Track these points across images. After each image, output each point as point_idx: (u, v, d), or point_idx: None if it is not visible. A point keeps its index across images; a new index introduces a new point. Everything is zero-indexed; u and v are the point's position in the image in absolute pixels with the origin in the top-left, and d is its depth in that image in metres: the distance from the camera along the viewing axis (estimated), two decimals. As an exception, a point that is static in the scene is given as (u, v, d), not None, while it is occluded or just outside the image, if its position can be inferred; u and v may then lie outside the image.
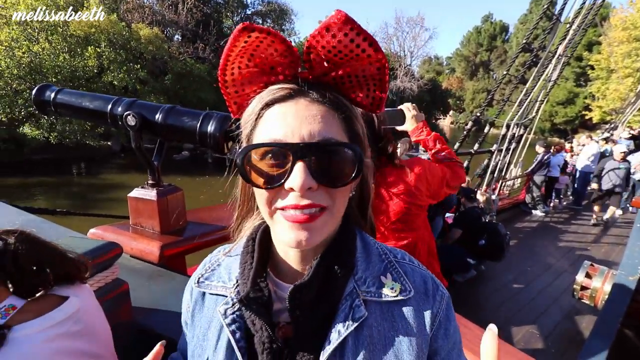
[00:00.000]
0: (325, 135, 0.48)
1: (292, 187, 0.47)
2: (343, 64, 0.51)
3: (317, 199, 0.49)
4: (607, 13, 26.91)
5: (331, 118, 0.50)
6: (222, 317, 0.57)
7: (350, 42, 0.48)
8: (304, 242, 0.49)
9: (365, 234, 0.63)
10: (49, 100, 1.68)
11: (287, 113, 0.49)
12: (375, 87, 0.54)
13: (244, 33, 0.49)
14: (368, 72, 0.52)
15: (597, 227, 6.96)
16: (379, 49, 0.50)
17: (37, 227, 1.51)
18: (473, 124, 6.86)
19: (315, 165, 0.47)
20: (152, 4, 23.34)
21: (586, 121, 31.94)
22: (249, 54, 0.51)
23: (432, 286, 0.59)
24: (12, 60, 13.83)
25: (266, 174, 0.49)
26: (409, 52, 37.97)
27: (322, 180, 0.48)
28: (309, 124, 0.48)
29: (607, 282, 3.18)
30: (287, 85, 0.51)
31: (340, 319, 0.53)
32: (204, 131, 1.52)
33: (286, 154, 0.47)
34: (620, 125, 13.88)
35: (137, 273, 1.57)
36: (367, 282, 0.56)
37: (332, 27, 0.47)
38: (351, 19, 0.47)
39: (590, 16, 6.70)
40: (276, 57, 0.51)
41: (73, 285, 0.84)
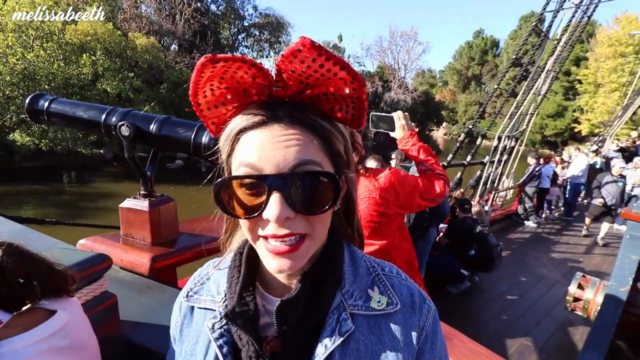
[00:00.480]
0: (302, 160, 0.47)
1: (268, 218, 0.47)
2: (318, 84, 0.50)
3: (295, 227, 0.48)
4: (593, 30, 27.76)
5: (308, 141, 0.49)
6: (210, 331, 0.57)
7: (320, 67, 0.47)
8: (286, 269, 0.49)
9: (353, 247, 0.63)
10: (42, 110, 1.66)
11: (262, 141, 0.48)
12: (354, 106, 0.52)
13: (208, 65, 0.47)
14: (344, 92, 0.50)
15: (589, 238, 7.03)
16: (352, 70, 0.48)
17: (24, 237, 1.49)
18: (465, 136, 6.96)
19: (292, 194, 0.47)
20: (149, 14, 23.51)
21: (575, 133, 32.58)
22: (218, 77, 0.50)
23: (418, 299, 0.60)
24: (5, 67, 13.74)
25: (244, 204, 0.49)
26: (402, 65, 38.56)
27: (299, 209, 0.48)
28: (284, 152, 0.47)
29: (599, 293, 3.20)
30: (261, 112, 0.49)
31: (327, 333, 0.53)
32: (199, 142, 1.52)
33: (262, 185, 0.47)
34: (609, 138, 14.17)
35: (126, 285, 1.54)
36: (355, 296, 0.57)
37: (298, 54, 0.46)
38: (317, 45, 0.45)
39: (577, 33, 6.91)
40: (247, 79, 0.50)
41: (61, 298, 0.82)
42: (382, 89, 34.32)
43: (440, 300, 3.93)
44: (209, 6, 27.75)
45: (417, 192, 1.75)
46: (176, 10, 23.77)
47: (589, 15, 6.69)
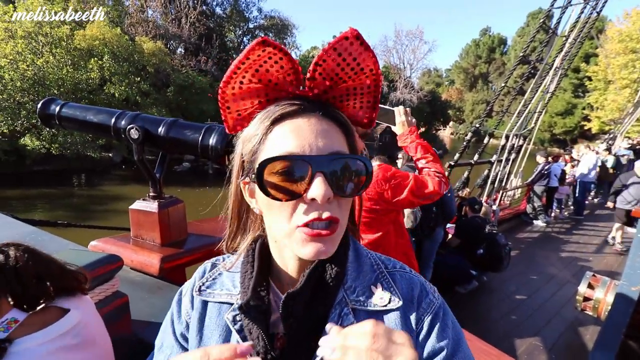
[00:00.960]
0: (338, 148, 0.51)
1: (315, 197, 0.48)
2: (344, 80, 0.54)
3: (334, 211, 0.51)
4: (603, 26, 27.33)
5: (338, 133, 0.53)
6: (231, 323, 0.58)
7: (359, 55, 0.52)
8: (323, 250, 0.51)
9: (358, 244, 0.65)
10: (53, 114, 1.71)
11: (300, 127, 0.51)
12: (369, 102, 0.57)
13: (261, 46, 0.50)
14: (365, 88, 0.56)
15: (599, 237, 6.92)
16: (378, 63, 0.54)
17: (37, 239, 1.52)
18: (473, 134, 6.90)
19: (332, 176, 0.50)
20: (155, 18, 23.77)
21: (585, 131, 32.08)
22: (253, 69, 0.53)
23: (419, 293, 0.60)
24: (15, 73, 14.01)
25: (284, 188, 0.50)
26: (408, 65, 38.39)
27: (337, 190, 0.50)
28: (323, 138, 0.51)
29: (609, 292, 3.15)
30: (297, 101, 0.53)
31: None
32: (206, 144, 1.54)
33: (306, 166, 0.49)
34: (619, 136, 13.94)
35: (137, 285, 1.56)
36: (357, 291, 0.58)
37: (344, 41, 0.51)
38: (362, 38, 0.51)
39: (586, 29, 6.81)
40: (281, 74, 0.53)
41: (74, 296, 0.84)
42: (388, 89, 34.21)
43: (448, 300, 3.89)
44: (214, 9, 27.96)
45: (406, 189, 1.74)
46: (182, 14, 23.99)
47: (598, 11, 6.59)
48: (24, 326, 0.74)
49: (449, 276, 4.21)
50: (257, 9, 30.12)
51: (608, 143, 12.84)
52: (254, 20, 29.97)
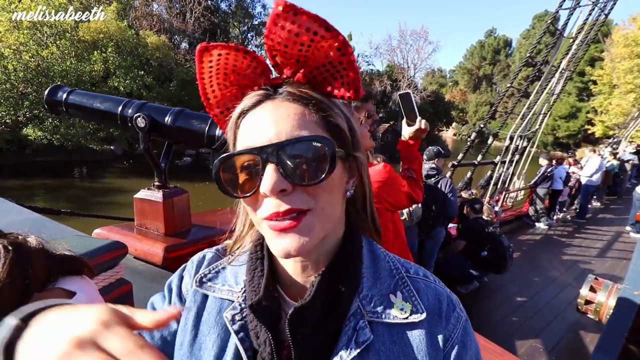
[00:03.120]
0: (295, 132, 0.46)
1: (264, 191, 0.45)
2: (308, 56, 0.49)
3: (296, 202, 0.46)
4: (609, 30, 27.19)
5: (302, 115, 0.48)
6: (230, 323, 0.53)
7: (299, 28, 0.46)
8: (292, 250, 0.46)
9: (374, 245, 0.59)
10: (61, 101, 1.70)
11: (256, 119, 0.48)
12: (345, 70, 0.50)
13: (205, 53, 0.49)
14: (332, 58, 0.49)
15: (601, 241, 6.91)
16: (330, 27, 0.47)
17: (42, 225, 1.52)
18: (476, 135, 6.88)
19: (286, 165, 0.45)
20: (160, 12, 23.76)
21: (589, 135, 31.99)
22: (222, 74, 0.51)
23: (447, 306, 0.54)
24: (19, 63, 14.04)
25: (243, 184, 0.47)
26: (412, 64, 38.30)
27: (295, 179, 0.45)
28: (276, 125, 0.46)
29: (611, 296, 3.14)
30: (257, 92, 0.50)
31: (343, 342, 0.49)
32: (212, 134, 1.54)
33: (255, 159, 0.46)
34: (624, 140, 13.90)
35: (139, 274, 1.56)
36: (374, 301, 0.52)
37: (278, 19, 0.45)
38: (293, 5, 0.45)
39: (593, 33, 6.77)
40: (245, 69, 0.51)
41: (80, 279, 0.83)
42: (391, 88, 34.13)
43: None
44: (219, 4, 27.97)
45: (408, 196, 1.85)
46: (187, 9, 23.99)
47: (607, 13, 6.55)
48: None
49: (450, 276, 4.20)
50: (261, 5, 30.15)
51: (612, 147, 12.80)
52: (258, 17, 30.00)
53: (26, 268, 0.74)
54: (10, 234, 0.76)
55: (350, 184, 0.54)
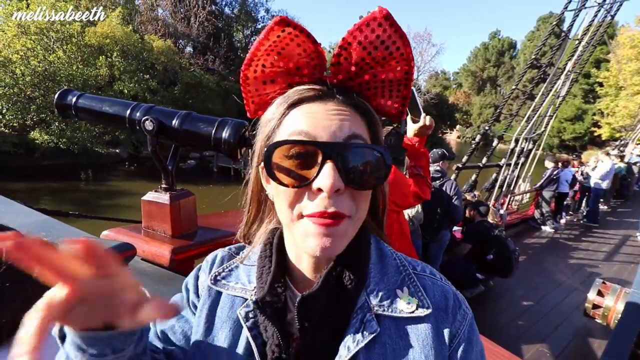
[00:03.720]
0: (355, 133, 0.47)
1: (321, 187, 0.44)
2: (372, 66, 0.50)
3: (342, 206, 0.46)
4: (614, 31, 27.02)
5: (358, 121, 0.49)
6: (244, 320, 0.55)
7: (388, 38, 0.47)
8: (328, 246, 0.46)
9: (382, 244, 0.60)
10: (70, 105, 1.72)
11: (317, 112, 0.48)
12: (399, 92, 0.52)
13: (279, 27, 0.48)
14: (394, 75, 0.51)
15: (609, 244, 6.84)
16: (410, 47, 0.49)
17: (51, 227, 1.53)
18: (481, 138, 6.86)
19: (345, 165, 0.46)
20: (165, 17, 24.02)
21: (595, 138, 31.74)
22: (276, 52, 0.50)
23: (453, 303, 0.55)
24: (27, 68, 14.22)
25: (293, 173, 0.46)
26: (415, 67, 38.32)
27: (349, 181, 0.46)
28: (339, 123, 0.47)
29: (620, 300, 3.11)
30: (316, 86, 0.50)
31: (350, 333, 0.51)
32: (219, 137, 1.55)
33: (315, 152, 0.45)
34: (631, 142, 13.77)
35: (147, 276, 1.57)
36: (381, 296, 0.53)
37: (372, 22, 0.47)
38: (391, 15, 0.47)
39: (599, 34, 6.74)
40: (304, 57, 0.50)
41: None
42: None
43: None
44: (223, 9, 28.20)
45: (411, 192, 1.85)
46: (191, 13, 24.21)
47: (613, 14, 6.52)
48: None
49: (455, 280, 4.17)
50: (265, 9, 30.34)
51: (619, 150, 12.68)
52: (262, 21, 30.18)
53: None
54: None
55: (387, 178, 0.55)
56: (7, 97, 14.05)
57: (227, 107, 20.79)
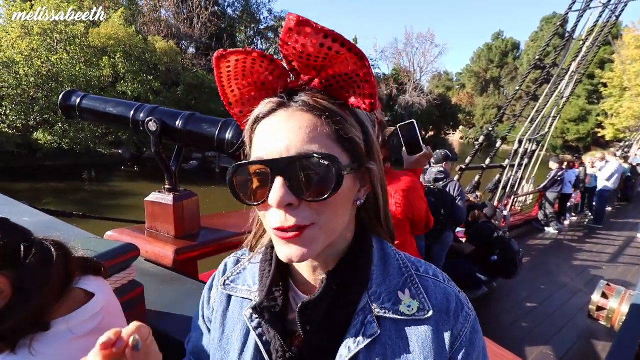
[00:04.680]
0: (305, 147, 0.46)
1: (271, 203, 0.46)
2: (324, 65, 0.49)
3: (301, 218, 0.47)
4: (618, 31, 26.87)
5: (315, 127, 0.48)
6: (249, 320, 0.57)
7: (313, 44, 0.46)
8: (294, 257, 0.48)
9: (386, 244, 0.60)
10: (74, 106, 1.74)
11: (269, 129, 0.49)
12: (363, 84, 0.50)
13: (222, 60, 0.50)
14: (347, 69, 0.49)
15: (613, 246, 6.79)
16: (346, 42, 0.46)
17: (55, 228, 1.54)
18: (484, 139, 6.83)
19: (293, 179, 0.46)
20: (168, 18, 24.10)
21: (599, 139, 31.56)
22: (240, 74, 0.52)
23: (455, 305, 0.55)
24: (30, 69, 14.29)
25: (253, 193, 0.49)
26: (418, 68, 38.23)
27: (302, 195, 0.46)
28: (287, 138, 0.47)
29: (624, 302, 3.08)
30: (271, 100, 0.51)
31: (351, 334, 0.52)
32: (222, 138, 1.55)
33: (265, 170, 0.47)
34: (636, 143, 13.67)
35: (150, 276, 1.57)
36: (382, 298, 0.54)
37: (290, 32, 0.45)
38: (302, 20, 0.44)
39: (603, 35, 6.70)
40: (263, 72, 0.52)
41: (96, 279, 0.85)
42: (397, 92, 34.08)
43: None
44: (226, 10, 28.25)
45: (426, 207, 1.84)
46: (194, 14, 24.28)
47: (618, 14, 6.48)
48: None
49: (458, 281, 4.15)
50: (268, 10, 30.38)
51: (624, 151, 12.60)
52: (264, 22, 30.24)
53: (67, 265, 0.78)
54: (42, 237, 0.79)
55: (362, 192, 0.54)
56: (10, 98, 14.13)
57: (229, 108, 20.77)
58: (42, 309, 0.69)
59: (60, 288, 0.74)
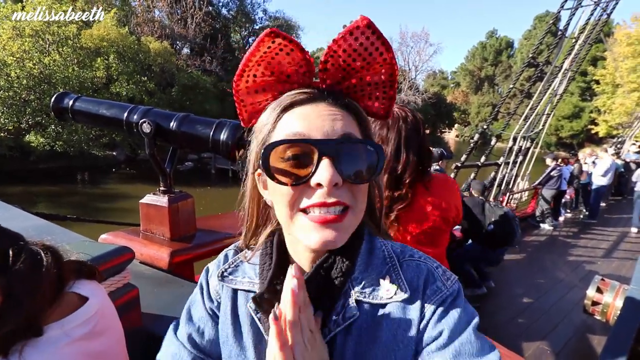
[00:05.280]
0: (348, 131, 0.50)
1: (320, 182, 0.47)
2: (357, 71, 0.53)
3: (342, 196, 0.49)
4: (609, 29, 27.10)
5: (351, 121, 0.52)
6: (254, 312, 0.58)
7: (371, 45, 0.50)
8: (331, 239, 0.49)
9: (375, 238, 0.62)
10: (67, 108, 1.72)
11: (309, 113, 0.50)
12: (385, 93, 0.56)
13: (269, 38, 0.50)
14: (379, 78, 0.54)
15: (607, 241, 6.86)
16: (393, 54, 0.52)
17: (49, 232, 1.52)
18: (479, 137, 6.87)
19: (341, 161, 0.48)
20: (161, 19, 23.95)
21: (592, 135, 31.83)
22: (266, 62, 0.52)
23: (425, 279, 0.56)
24: (22, 71, 14.14)
25: (290, 172, 0.49)
26: (413, 66, 38.37)
27: (347, 176, 0.48)
28: (331, 122, 0.50)
29: (618, 297, 3.11)
30: (307, 90, 0.53)
31: (332, 317, 0.54)
32: (217, 139, 1.54)
33: (311, 150, 0.48)
34: (628, 140, 13.82)
35: (145, 279, 1.56)
36: (363, 283, 0.56)
37: (355, 31, 0.49)
38: (373, 24, 0.49)
39: (595, 33, 6.76)
40: (292, 65, 0.53)
41: (90, 283, 0.84)
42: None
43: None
44: (220, 10, 28.13)
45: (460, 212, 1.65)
46: (187, 15, 24.14)
47: (609, 12, 6.54)
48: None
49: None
50: (262, 10, 30.32)
51: (616, 147, 12.72)
52: (259, 22, 30.16)
53: (59, 269, 0.76)
54: (34, 240, 0.78)
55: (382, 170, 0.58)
56: (2, 100, 13.99)
57: (224, 109, 20.76)
58: (34, 315, 0.68)
59: (52, 293, 0.73)
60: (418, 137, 1.38)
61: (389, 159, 1.32)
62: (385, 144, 1.34)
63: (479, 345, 0.51)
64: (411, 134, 1.35)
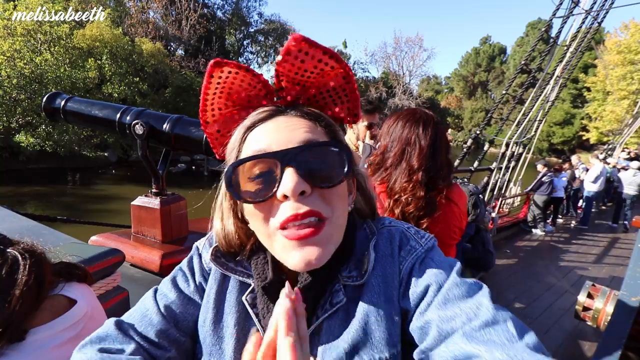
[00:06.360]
0: (308, 138, 0.49)
1: (285, 193, 0.45)
2: (312, 82, 0.54)
3: (314, 205, 0.47)
4: (600, 37, 27.64)
5: (313, 126, 0.52)
6: (250, 307, 0.56)
7: (312, 59, 0.51)
8: (313, 259, 0.47)
9: (365, 233, 0.61)
10: (58, 108, 1.69)
11: (270, 129, 0.50)
12: (347, 97, 0.56)
13: (218, 68, 0.51)
14: (336, 83, 0.55)
15: (598, 247, 6.94)
16: (340, 59, 0.52)
17: (38, 233, 1.50)
18: (472, 142, 6.92)
19: (304, 168, 0.46)
20: (156, 20, 23.85)
21: (583, 142, 32.31)
22: (226, 93, 0.53)
23: (399, 242, 0.56)
24: (13, 70, 13.95)
25: (256, 190, 0.48)
26: (407, 71, 38.69)
27: (314, 181, 0.47)
28: (290, 132, 0.49)
29: (609, 302, 3.13)
30: (266, 108, 0.53)
31: (321, 304, 0.54)
32: (211, 141, 1.54)
33: (274, 163, 0.47)
34: (618, 147, 14.04)
35: (136, 282, 1.54)
36: (349, 267, 0.55)
37: (292, 50, 0.49)
38: (307, 38, 0.49)
39: (586, 41, 6.88)
40: (251, 90, 0.54)
41: (79, 286, 0.83)
42: (387, 95, 34.36)
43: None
44: (215, 12, 28.13)
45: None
46: (182, 16, 24.09)
47: (600, 21, 6.66)
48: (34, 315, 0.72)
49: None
50: (258, 14, 30.39)
51: (607, 154, 12.92)
52: (255, 25, 30.22)
53: (40, 273, 0.74)
54: (16, 241, 0.76)
55: (350, 199, 0.57)
56: (-9, 100, 13.77)
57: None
58: (13, 319, 0.66)
59: (34, 296, 0.71)
60: (448, 142, 1.39)
61: (424, 155, 1.27)
62: (417, 140, 1.29)
63: (466, 287, 0.52)
64: (444, 137, 1.36)
